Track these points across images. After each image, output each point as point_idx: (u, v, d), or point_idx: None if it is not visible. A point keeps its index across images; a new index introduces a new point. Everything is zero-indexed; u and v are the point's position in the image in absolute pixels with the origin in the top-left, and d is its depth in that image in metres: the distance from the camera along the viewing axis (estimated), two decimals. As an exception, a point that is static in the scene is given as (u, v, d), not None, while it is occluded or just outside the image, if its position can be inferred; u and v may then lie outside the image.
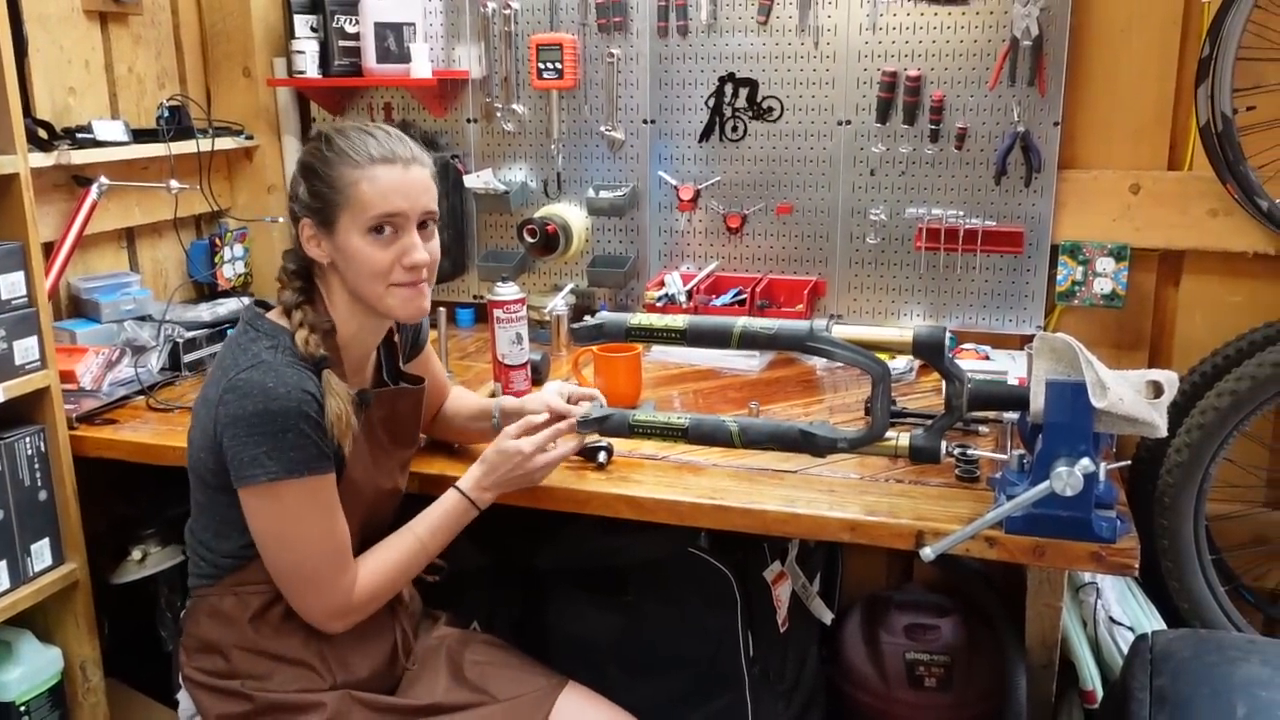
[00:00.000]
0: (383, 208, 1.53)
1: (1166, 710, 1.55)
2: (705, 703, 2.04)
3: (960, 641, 2.25)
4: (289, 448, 1.46)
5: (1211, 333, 2.32)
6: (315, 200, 1.54)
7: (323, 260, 1.57)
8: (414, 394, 1.74)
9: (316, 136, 1.59)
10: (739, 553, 2.02)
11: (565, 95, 2.68)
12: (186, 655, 1.64)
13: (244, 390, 1.46)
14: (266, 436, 1.45)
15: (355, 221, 1.53)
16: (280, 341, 1.53)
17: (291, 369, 1.49)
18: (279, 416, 1.45)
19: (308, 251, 1.58)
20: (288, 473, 1.46)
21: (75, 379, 2.16)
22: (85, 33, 2.44)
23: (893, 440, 1.63)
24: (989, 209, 2.44)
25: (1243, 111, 2.17)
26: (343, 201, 1.52)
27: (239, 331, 1.58)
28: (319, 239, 1.56)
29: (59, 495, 2.01)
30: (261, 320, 1.57)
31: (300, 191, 1.56)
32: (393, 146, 1.55)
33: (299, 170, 1.58)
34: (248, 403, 1.45)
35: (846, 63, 2.46)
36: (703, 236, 2.68)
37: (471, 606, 2.07)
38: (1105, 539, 1.51)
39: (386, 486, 1.70)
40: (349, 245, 1.54)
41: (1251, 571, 2.38)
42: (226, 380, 1.48)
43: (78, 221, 2.29)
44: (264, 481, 1.46)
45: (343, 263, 1.56)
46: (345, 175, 1.52)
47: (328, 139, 1.56)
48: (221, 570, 1.61)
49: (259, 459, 1.46)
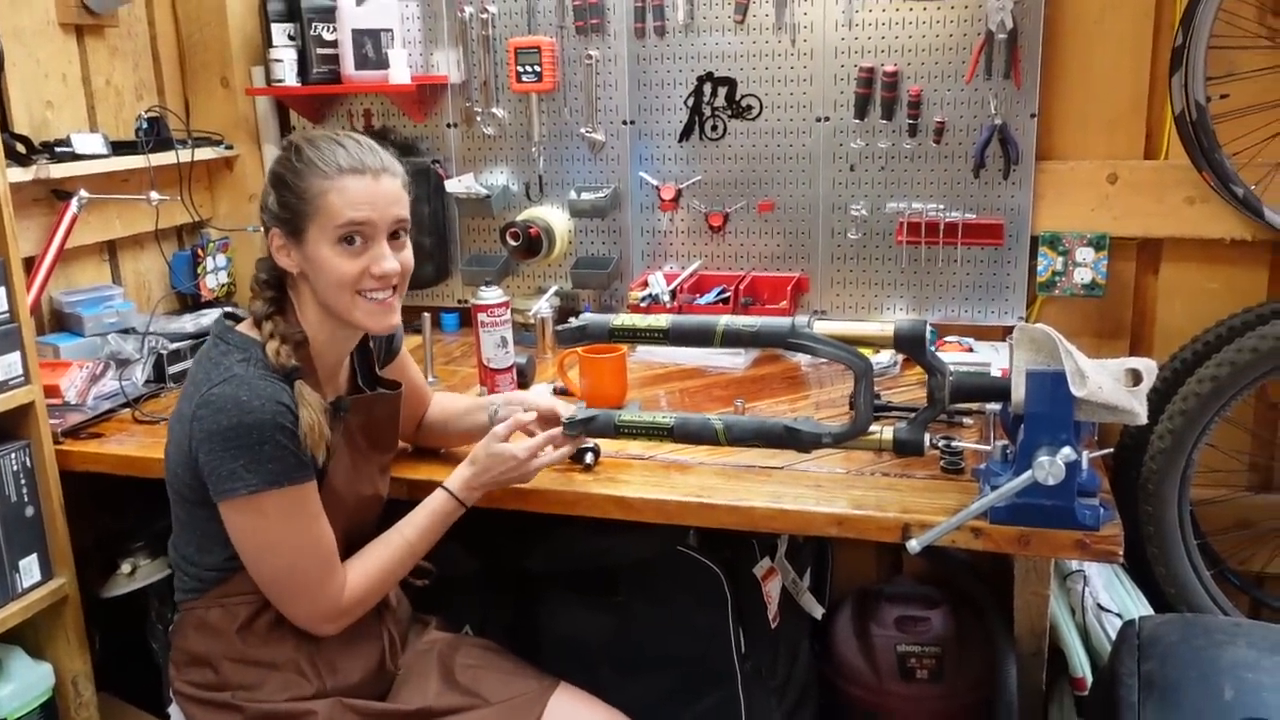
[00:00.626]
0: (351, 217, 1.52)
1: (1155, 694, 1.57)
2: (698, 700, 2.04)
3: (950, 632, 2.26)
4: (266, 460, 1.46)
5: (1191, 319, 2.34)
6: (284, 210, 1.54)
7: (292, 270, 1.57)
8: (391, 399, 1.75)
9: (287, 146, 1.58)
10: (728, 550, 2.03)
11: (544, 98, 2.68)
12: (176, 669, 1.64)
13: (217, 405, 1.46)
14: (243, 450, 1.45)
15: (324, 232, 1.52)
16: (252, 354, 1.53)
17: (264, 381, 1.49)
18: (254, 429, 1.45)
19: (278, 261, 1.57)
20: (267, 484, 1.46)
21: (59, 393, 2.15)
22: (61, 46, 2.43)
23: (877, 434, 1.64)
24: (968, 202, 2.46)
25: (1216, 99, 2.19)
26: (311, 212, 1.52)
27: (210, 346, 1.58)
28: (288, 249, 1.56)
29: (46, 510, 2.00)
30: (231, 333, 1.57)
31: (270, 202, 1.56)
32: (362, 156, 1.55)
33: (269, 180, 1.58)
34: (222, 417, 1.45)
35: (824, 59, 2.47)
36: (685, 236, 2.69)
37: (463, 611, 2.07)
38: (1089, 526, 1.53)
39: (367, 493, 1.70)
40: (318, 255, 1.53)
41: (1236, 555, 2.40)
42: (199, 396, 1.48)
43: (58, 235, 2.28)
44: (243, 495, 1.46)
45: (312, 273, 1.55)
46: (314, 186, 1.52)
47: (298, 149, 1.55)
48: (206, 583, 1.61)
49: (237, 472, 1.46)
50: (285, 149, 1.58)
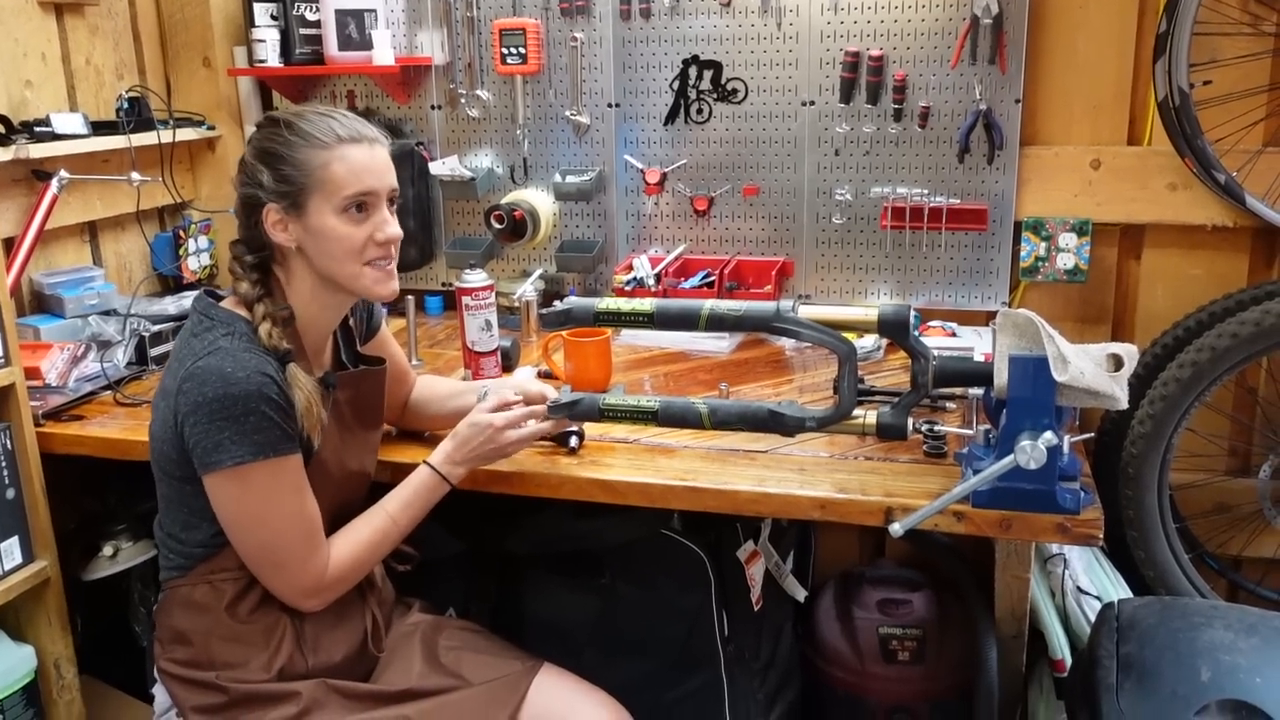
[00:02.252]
0: (357, 186, 1.55)
1: (1133, 676, 1.59)
2: (681, 682, 2.05)
3: (932, 615, 2.28)
4: (252, 430, 1.46)
5: (1173, 305, 2.36)
6: (283, 184, 1.54)
7: (289, 245, 1.57)
8: (376, 374, 1.75)
9: (271, 122, 1.58)
10: (712, 533, 2.03)
11: (529, 80, 2.67)
12: (161, 647, 1.64)
13: (202, 378, 1.46)
14: (229, 421, 1.45)
15: (329, 202, 1.54)
16: (236, 328, 1.53)
17: (248, 353, 1.49)
18: (240, 400, 1.45)
19: (273, 238, 1.57)
20: (253, 456, 1.47)
21: (40, 375, 2.14)
22: (40, 25, 2.41)
23: (860, 418, 1.65)
24: (953, 187, 2.46)
25: (1199, 86, 2.20)
26: (314, 184, 1.53)
27: (193, 322, 1.57)
28: (286, 223, 1.55)
29: (27, 493, 1.99)
30: (215, 309, 1.57)
31: (263, 178, 1.55)
32: (357, 126, 1.57)
33: (258, 157, 1.56)
34: (207, 389, 1.46)
35: (809, 43, 2.47)
36: (670, 219, 2.68)
37: (446, 593, 2.07)
38: (1069, 510, 1.54)
39: (354, 468, 1.70)
40: (323, 226, 1.54)
41: (1215, 539, 2.42)
42: (184, 369, 1.49)
43: (38, 216, 2.26)
44: (229, 466, 1.47)
45: (314, 245, 1.56)
46: (315, 157, 1.53)
47: (287, 123, 1.55)
48: (193, 560, 1.61)
49: (223, 444, 1.46)
50: (270, 125, 1.58)
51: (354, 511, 1.67)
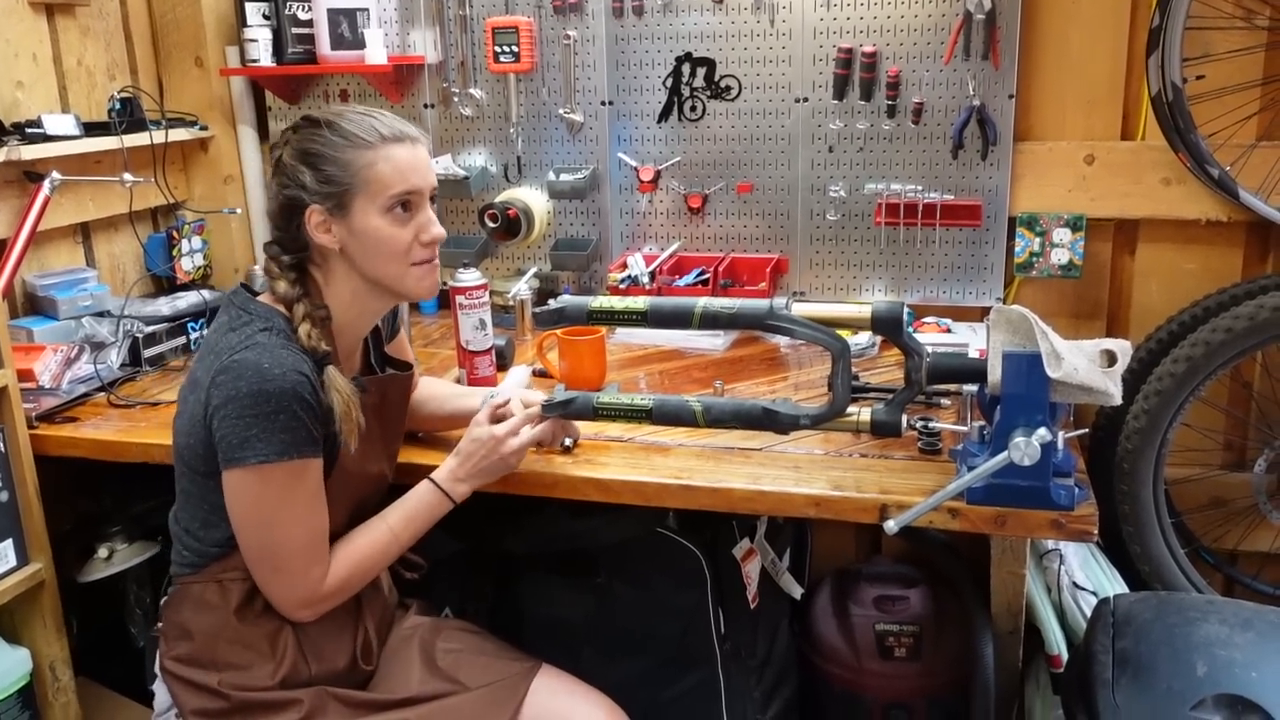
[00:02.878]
0: (403, 186, 1.55)
1: (1129, 671, 1.59)
2: (678, 680, 2.05)
3: (928, 611, 2.28)
4: (280, 429, 1.45)
5: (1167, 300, 2.36)
6: (327, 185, 1.53)
7: (332, 246, 1.56)
8: (404, 380, 1.76)
9: (310, 123, 1.57)
10: (707, 531, 2.03)
11: (522, 78, 2.67)
12: (166, 643, 1.63)
13: (238, 371, 1.45)
14: (259, 418, 1.45)
15: (375, 202, 1.54)
16: (274, 324, 1.52)
17: (285, 350, 1.48)
18: (273, 397, 1.44)
19: (316, 239, 1.56)
20: (278, 455, 1.46)
21: (34, 377, 2.14)
22: (31, 25, 2.40)
23: (855, 415, 1.65)
24: (947, 183, 2.46)
25: (1192, 80, 2.20)
26: (359, 184, 1.53)
27: (230, 315, 1.56)
28: (330, 224, 1.55)
29: (21, 495, 1.98)
30: (253, 303, 1.56)
31: (306, 179, 1.53)
32: (399, 125, 1.57)
33: (298, 158, 1.55)
34: (242, 383, 1.45)
35: (802, 40, 2.47)
36: (664, 217, 2.68)
37: (443, 594, 2.07)
38: (1064, 506, 1.54)
39: (374, 472, 1.69)
40: (368, 226, 1.54)
41: (1210, 533, 2.42)
42: (219, 362, 1.48)
43: (31, 218, 2.26)
44: (253, 464, 1.46)
45: (359, 246, 1.55)
46: (360, 157, 1.53)
47: (328, 123, 1.55)
48: (206, 559, 1.60)
49: (249, 440, 1.45)
50: (310, 125, 1.57)
51: (369, 515, 1.66)
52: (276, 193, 1.58)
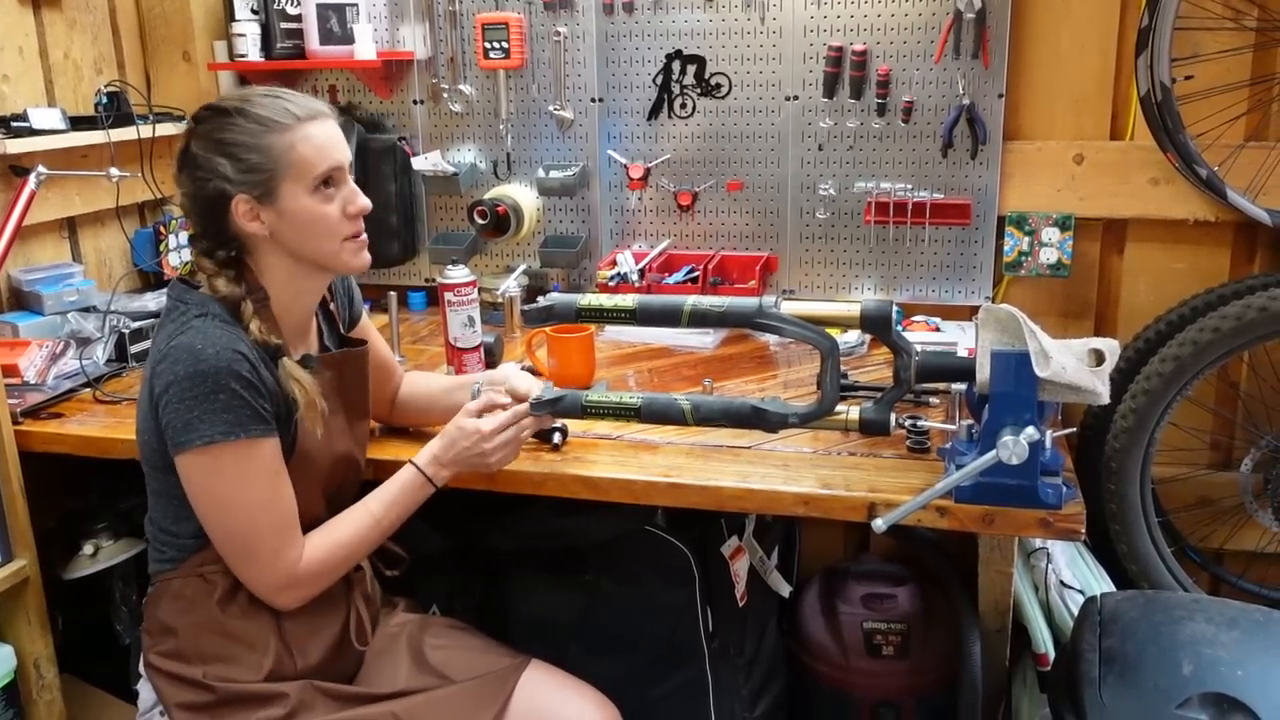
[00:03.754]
0: (326, 164, 1.54)
1: (1115, 669, 1.59)
2: (666, 678, 2.05)
3: (916, 609, 2.29)
4: (221, 409, 1.44)
5: (1155, 300, 2.37)
6: (250, 173, 1.51)
7: (262, 233, 1.54)
8: (359, 355, 1.74)
9: (219, 112, 1.54)
10: (696, 529, 2.03)
11: (512, 75, 2.66)
12: (149, 639, 1.62)
13: (175, 357, 1.46)
14: (198, 399, 1.44)
15: (300, 183, 1.52)
16: (209, 309, 1.51)
17: (220, 331, 1.48)
18: (209, 376, 1.44)
19: (244, 228, 1.53)
20: (223, 435, 1.45)
21: (19, 373, 2.12)
22: (18, 18, 2.38)
23: (843, 414, 1.65)
24: (936, 182, 2.46)
25: (1181, 81, 2.20)
26: (283, 167, 1.51)
27: (168, 309, 1.56)
28: (257, 211, 1.53)
29: (5, 491, 1.97)
30: (189, 293, 1.55)
31: (226, 169, 1.51)
32: (310, 104, 1.56)
33: (214, 149, 1.52)
34: (179, 367, 1.45)
35: (793, 38, 2.47)
36: (654, 215, 2.68)
37: (431, 591, 2.07)
38: (1051, 505, 1.54)
39: (340, 451, 1.67)
40: (297, 208, 1.53)
41: (1197, 532, 2.43)
42: (158, 352, 1.48)
43: (16, 212, 2.24)
44: (198, 445, 1.45)
45: (290, 229, 1.54)
46: (279, 140, 1.51)
47: (238, 110, 1.52)
48: (184, 552, 1.59)
49: (192, 423, 1.44)
50: (219, 114, 1.53)
51: (347, 502, 1.65)
52: (192, 188, 1.55)
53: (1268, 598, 2.34)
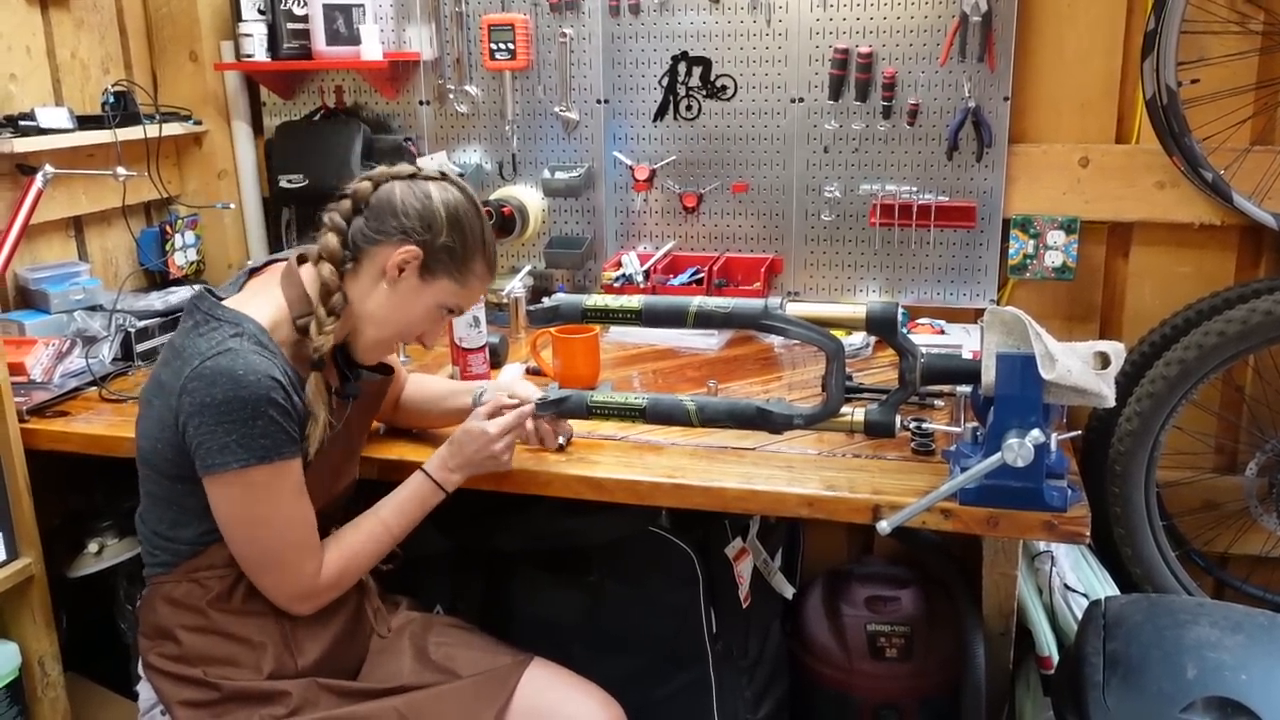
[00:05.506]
0: (466, 303, 1.66)
1: (1119, 673, 1.59)
2: (669, 679, 2.05)
3: (920, 612, 2.28)
4: (259, 435, 1.45)
5: (1161, 303, 2.37)
6: (446, 251, 1.58)
7: (383, 283, 1.58)
8: (383, 382, 1.75)
9: (471, 200, 1.63)
10: (700, 530, 2.03)
11: (518, 76, 2.66)
12: (147, 641, 1.63)
13: (211, 378, 1.45)
14: (236, 424, 1.44)
15: (445, 293, 1.61)
16: (244, 328, 1.50)
17: (258, 356, 1.47)
18: (249, 403, 1.44)
19: (384, 264, 1.57)
20: (259, 459, 1.46)
21: (25, 371, 2.13)
22: (25, 18, 2.39)
23: (848, 416, 1.65)
24: (941, 184, 2.46)
25: (1187, 84, 2.20)
26: (456, 275, 1.60)
27: (197, 320, 1.54)
28: (407, 272, 1.58)
29: (11, 489, 1.97)
30: (220, 308, 1.54)
31: (437, 225, 1.57)
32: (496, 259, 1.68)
33: (450, 212, 1.59)
34: (216, 390, 1.44)
35: (798, 40, 2.47)
36: (659, 216, 2.68)
37: (434, 591, 2.07)
38: (1057, 508, 1.54)
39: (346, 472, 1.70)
40: (421, 302, 1.60)
41: (1201, 536, 2.43)
42: (190, 369, 1.46)
43: (23, 211, 2.25)
44: (234, 469, 1.46)
45: (394, 302, 1.59)
46: (478, 263, 1.62)
47: (481, 217, 1.63)
48: (179, 557, 1.59)
49: (229, 447, 1.45)
50: (470, 201, 1.62)
51: (338, 515, 1.66)
52: (394, 196, 1.58)
53: (1272, 602, 2.33)
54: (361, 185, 1.60)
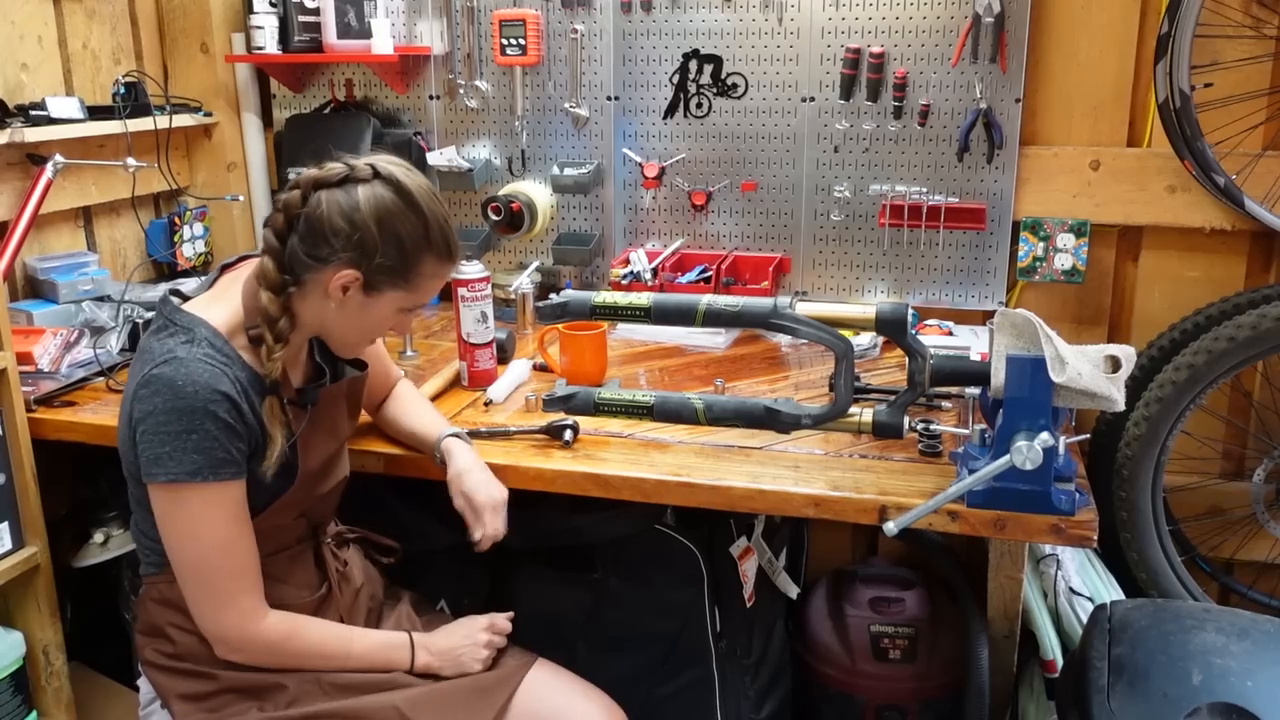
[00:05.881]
0: (424, 299, 1.58)
1: (1124, 678, 1.59)
2: (673, 678, 2.05)
3: (924, 614, 2.28)
4: (192, 449, 1.42)
5: (1170, 308, 2.36)
6: (384, 268, 1.48)
7: (334, 305, 1.51)
8: (357, 380, 1.71)
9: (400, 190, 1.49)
10: (705, 529, 2.03)
11: (529, 71, 2.66)
12: (143, 638, 1.63)
13: (155, 386, 1.43)
14: (171, 435, 1.42)
15: (396, 300, 1.54)
16: (195, 334, 1.47)
17: (204, 364, 1.43)
18: (185, 415, 1.41)
19: (331, 295, 1.49)
20: (189, 475, 1.42)
21: (33, 361, 2.13)
22: (37, 8, 2.39)
23: (856, 416, 1.65)
24: (952, 185, 2.46)
25: (1200, 88, 2.19)
26: (406, 281, 1.52)
27: (158, 326, 1.51)
28: (350, 290, 1.49)
29: (18, 479, 1.98)
30: (178, 313, 1.50)
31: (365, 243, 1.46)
32: (458, 243, 1.58)
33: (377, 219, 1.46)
34: (158, 399, 1.42)
35: (810, 39, 2.46)
36: (668, 214, 2.68)
37: (438, 586, 2.07)
38: (1064, 511, 1.54)
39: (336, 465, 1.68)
40: (373, 313, 1.54)
41: (1207, 541, 2.42)
42: (141, 375, 1.45)
43: (33, 200, 2.25)
44: (164, 481, 1.43)
45: (351, 317, 1.53)
46: (426, 262, 1.52)
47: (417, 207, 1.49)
48: (165, 557, 1.56)
49: (162, 458, 1.42)
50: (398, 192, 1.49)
51: (329, 511, 1.65)
52: (318, 224, 1.46)
53: (1278, 609, 2.33)
54: (290, 196, 1.48)
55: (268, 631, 1.53)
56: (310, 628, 1.58)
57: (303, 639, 1.56)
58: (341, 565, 1.71)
